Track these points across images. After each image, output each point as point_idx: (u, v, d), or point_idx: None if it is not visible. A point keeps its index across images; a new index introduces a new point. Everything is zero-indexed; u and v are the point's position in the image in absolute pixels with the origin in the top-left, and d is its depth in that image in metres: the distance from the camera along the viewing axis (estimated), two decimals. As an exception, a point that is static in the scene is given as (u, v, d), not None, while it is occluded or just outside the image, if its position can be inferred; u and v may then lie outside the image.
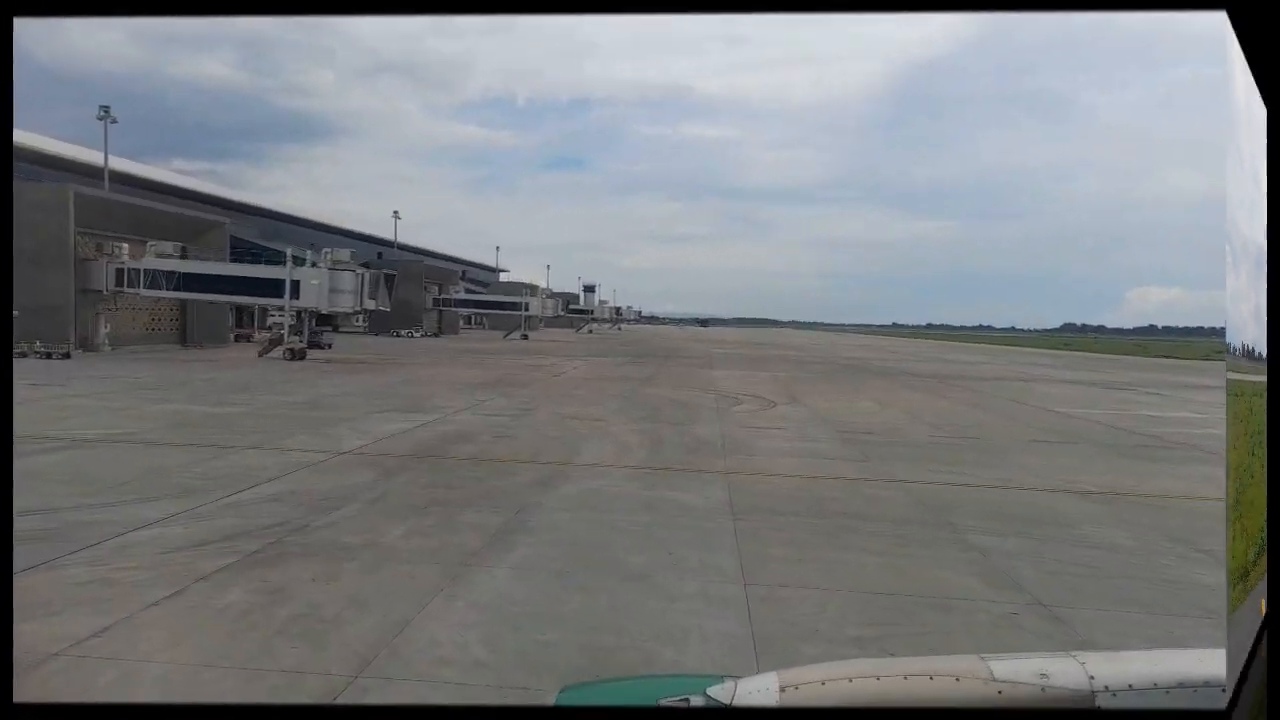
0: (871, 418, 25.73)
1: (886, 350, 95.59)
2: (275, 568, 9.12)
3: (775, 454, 17.98)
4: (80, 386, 27.52)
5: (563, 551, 10.10)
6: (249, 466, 14.76)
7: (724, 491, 13.92)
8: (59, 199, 45.16)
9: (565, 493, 13.43)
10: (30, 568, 8.81)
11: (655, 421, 22.82)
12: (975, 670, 2.20)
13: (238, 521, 11.02)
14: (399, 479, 14.08)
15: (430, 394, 28.63)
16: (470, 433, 19.73)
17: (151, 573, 8.84)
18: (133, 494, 12.37)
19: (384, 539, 10.42)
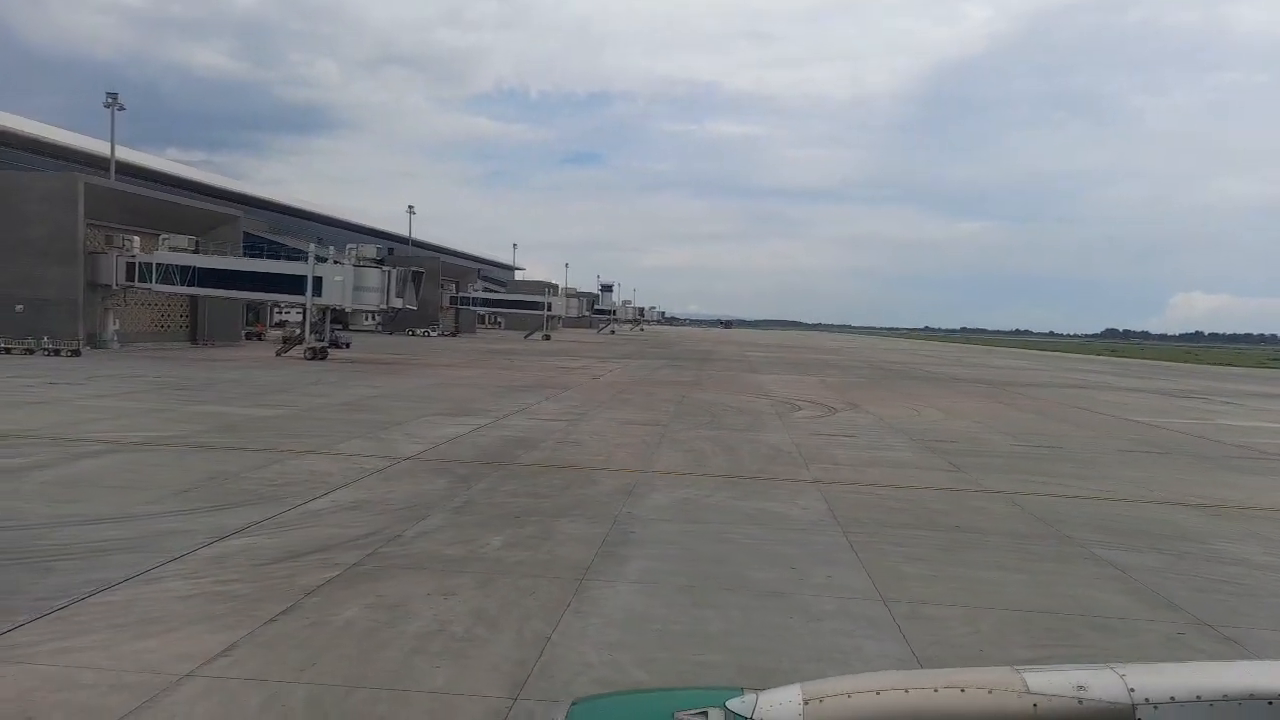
0: (942, 425, 25.47)
1: (926, 355, 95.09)
2: (383, 581, 9.02)
3: (858, 463, 17.79)
4: (103, 386, 27.61)
5: (680, 566, 9.96)
6: (313, 472, 14.71)
7: (820, 502, 13.76)
8: (68, 189, 45.38)
9: (656, 502, 13.30)
10: (127, 579, 8.76)
11: (719, 428, 22.66)
12: (1009, 683, 2.16)
13: (325, 531, 10.95)
14: (476, 486, 13.99)
15: (470, 397, 28.58)
16: (531, 438, 19.63)
17: (254, 585, 8.77)
18: (204, 501, 12.32)
19: (485, 551, 10.31)
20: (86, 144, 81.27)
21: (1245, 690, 2.10)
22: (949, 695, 2.17)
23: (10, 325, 43.11)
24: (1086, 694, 2.12)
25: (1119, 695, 2.11)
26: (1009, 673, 2.22)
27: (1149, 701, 2.09)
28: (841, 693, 2.25)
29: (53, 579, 8.70)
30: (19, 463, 14.53)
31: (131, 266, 46.18)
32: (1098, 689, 2.13)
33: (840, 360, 70.05)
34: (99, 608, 7.97)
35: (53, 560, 9.32)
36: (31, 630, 7.36)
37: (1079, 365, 79.90)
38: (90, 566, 9.16)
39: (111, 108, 58.37)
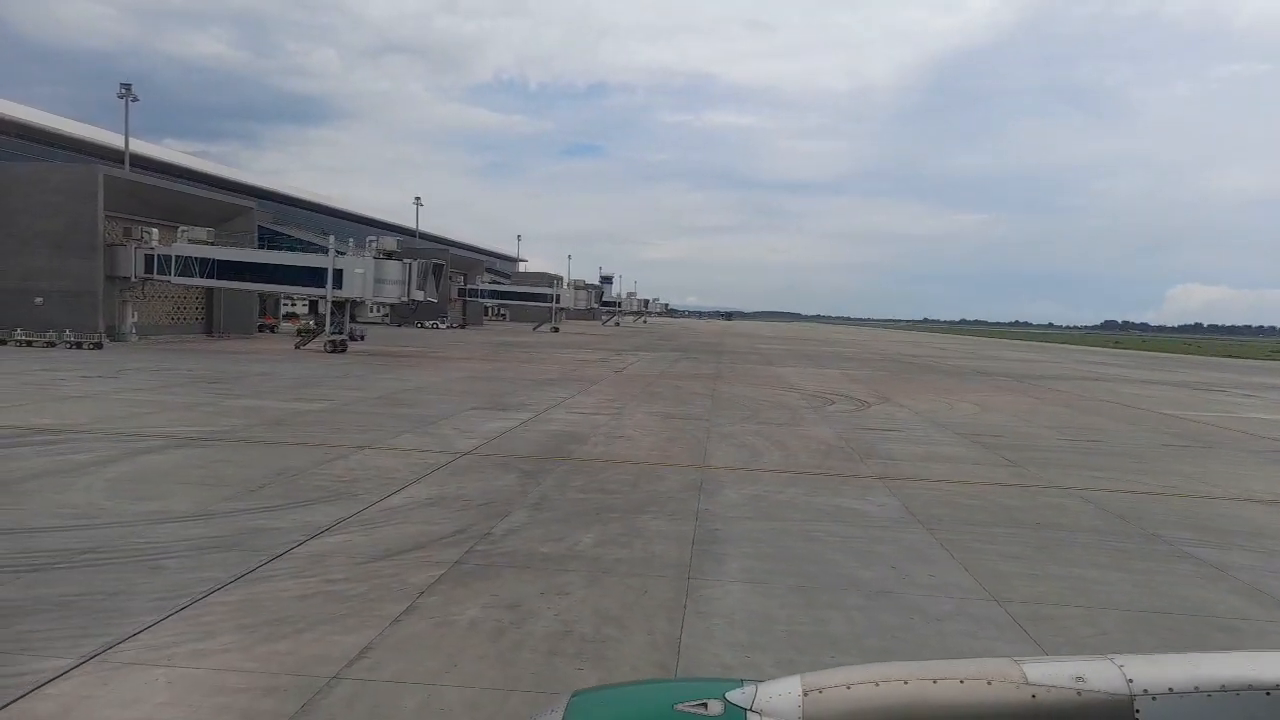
0: (979, 419, 25.40)
1: (934, 347, 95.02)
2: (491, 580, 8.95)
3: (913, 459, 17.72)
4: (136, 380, 27.49)
5: (779, 565, 9.89)
6: (378, 468, 14.62)
7: (891, 498, 13.69)
8: (87, 181, 45.12)
9: (729, 499, 13.22)
10: (237, 578, 8.68)
11: (761, 422, 22.58)
12: (1008, 674, 2.16)
13: (414, 529, 10.87)
14: (545, 482, 13.90)
15: (502, 391, 28.47)
16: (579, 433, 19.54)
17: (365, 585, 8.69)
18: (281, 497, 12.23)
19: (580, 548, 10.23)
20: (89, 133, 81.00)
21: (1243, 681, 2.09)
22: (948, 686, 2.17)
23: (30, 318, 42.96)
24: (1085, 685, 2.11)
25: (1118, 686, 2.10)
26: (1008, 664, 2.22)
27: (1147, 693, 2.09)
28: (841, 684, 2.24)
29: (163, 578, 8.62)
30: (83, 458, 14.43)
31: (150, 259, 45.93)
32: (1096, 680, 2.12)
33: (852, 353, 69.95)
34: (220, 608, 7.89)
35: (155, 558, 9.23)
36: (162, 631, 7.28)
37: (1088, 358, 79.87)
38: (195, 565, 9.09)
39: (125, 99, 58.03)
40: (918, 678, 2.23)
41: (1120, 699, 2.09)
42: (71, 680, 6.33)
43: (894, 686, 2.20)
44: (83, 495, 11.94)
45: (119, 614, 7.64)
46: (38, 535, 9.91)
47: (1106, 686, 2.12)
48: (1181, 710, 2.08)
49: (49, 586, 8.24)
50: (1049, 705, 2.11)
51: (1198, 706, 2.08)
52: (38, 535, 9.91)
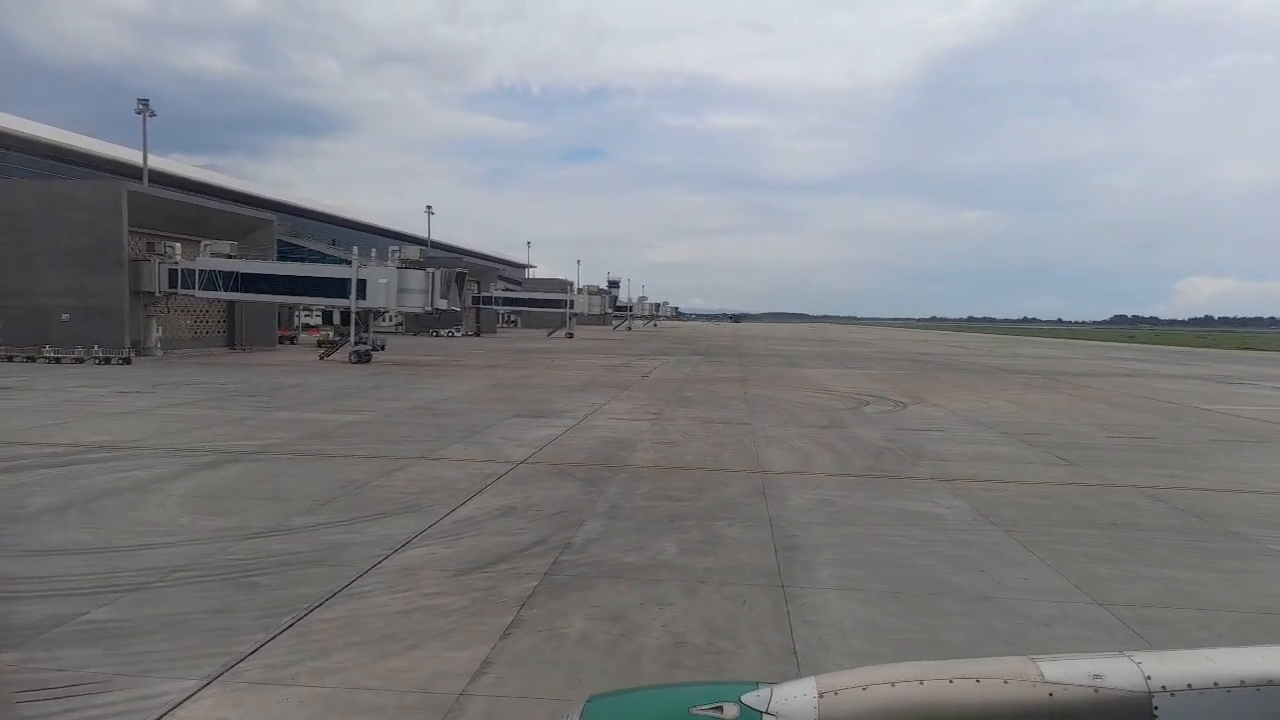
0: (1020, 418, 25.25)
1: (948, 345, 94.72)
2: (587, 591, 8.89)
3: (966, 459, 17.61)
4: (172, 394, 27.54)
5: (869, 571, 9.80)
6: (440, 479, 14.59)
7: (958, 500, 13.59)
8: (111, 197, 45.28)
9: (797, 504, 13.14)
10: (333, 594, 8.64)
11: (803, 425, 22.49)
12: (1025, 672, 2.15)
13: (493, 540, 10.82)
14: (610, 491, 13.84)
15: (537, 398, 28.43)
16: (625, 439, 19.49)
17: (463, 598, 8.64)
18: (352, 511, 12.20)
19: (665, 557, 10.17)
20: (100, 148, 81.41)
21: (1264, 677, 2.07)
22: (964, 685, 2.16)
23: (57, 334, 43.12)
24: (1103, 683, 2.09)
25: (1135, 683, 2.08)
26: (1024, 662, 2.20)
27: (1166, 689, 2.06)
28: (856, 684, 2.23)
29: (261, 595, 8.59)
30: (145, 475, 14.43)
31: (174, 273, 46.09)
32: (1114, 677, 2.10)
33: (871, 353, 69.75)
34: (326, 625, 7.85)
35: (247, 575, 9.20)
36: (276, 649, 7.24)
37: (1106, 353, 79.47)
38: (288, 581, 9.05)
39: (143, 114, 58.29)
40: (933, 677, 2.22)
41: (1138, 696, 2.06)
42: (202, 702, 6.29)
43: (910, 687, 2.19)
44: (157, 512, 11.93)
45: (228, 632, 7.60)
46: (125, 554, 9.89)
47: (1124, 684, 2.09)
48: (1200, 706, 2.05)
49: (152, 606, 8.22)
50: (1066, 703, 2.09)
51: (1217, 702, 2.05)
52: (125, 554, 9.89)
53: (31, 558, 9.69)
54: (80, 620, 7.78)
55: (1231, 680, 2.07)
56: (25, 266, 44.16)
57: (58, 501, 12.39)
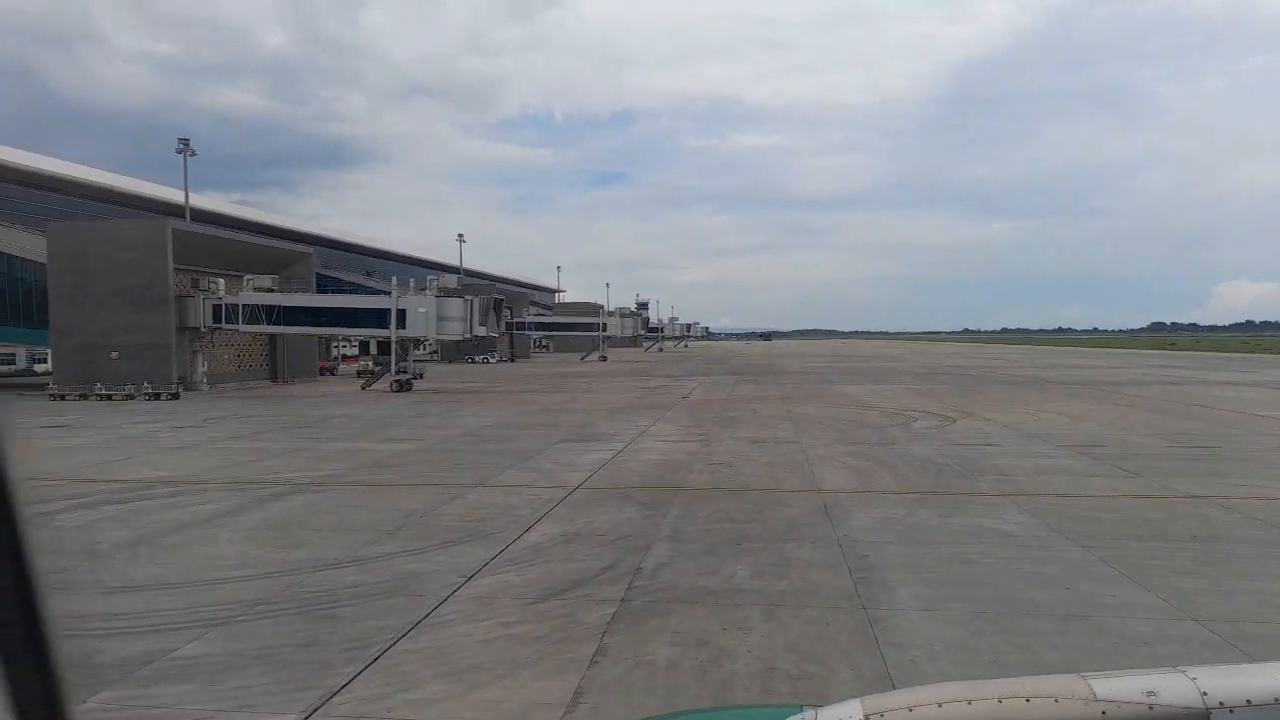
0: (1073, 429, 24.84)
1: (985, 357, 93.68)
2: (667, 617, 8.82)
3: (1027, 473, 17.32)
4: (226, 428, 27.90)
5: (950, 591, 9.64)
6: (499, 506, 14.60)
7: (1027, 516, 13.35)
8: (156, 236, 46.23)
9: (862, 523, 12.98)
10: (412, 626, 8.64)
11: (853, 443, 22.28)
12: (1076, 690, 2.06)
13: (564, 567, 10.79)
14: (671, 514, 13.77)
15: (582, 422, 28.46)
16: (676, 461, 19.42)
17: (543, 626, 8.60)
18: (420, 540, 12.23)
19: (739, 581, 10.07)
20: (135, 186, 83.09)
21: None
22: (1014, 705, 2.08)
23: (106, 372, 43.92)
24: (1157, 699, 2.00)
25: (1192, 700, 1.98)
26: (1075, 680, 2.10)
27: (1223, 705, 1.97)
28: (903, 706, 2.14)
29: (344, 627, 8.61)
30: (211, 509, 14.60)
31: (217, 308, 46.89)
32: (1168, 694, 2.01)
33: (907, 368, 69.14)
34: (413, 656, 7.84)
35: (328, 608, 9.24)
36: (369, 682, 7.24)
37: (1148, 361, 78.15)
38: (368, 613, 9.07)
39: (184, 153, 59.64)
40: (981, 697, 2.13)
41: (1195, 713, 1.97)
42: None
43: (958, 707, 2.10)
44: (229, 546, 12.04)
45: (318, 666, 7.62)
46: (204, 589, 9.97)
47: (1180, 700, 1.99)
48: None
49: (240, 641, 8.27)
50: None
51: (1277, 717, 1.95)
52: (204, 589, 9.97)
53: (113, 595, 9.80)
54: (172, 656, 7.84)
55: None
56: (74, 306, 45.14)
57: (130, 537, 12.56)
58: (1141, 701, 2.01)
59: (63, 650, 1.39)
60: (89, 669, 7.43)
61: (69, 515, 14.12)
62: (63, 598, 9.63)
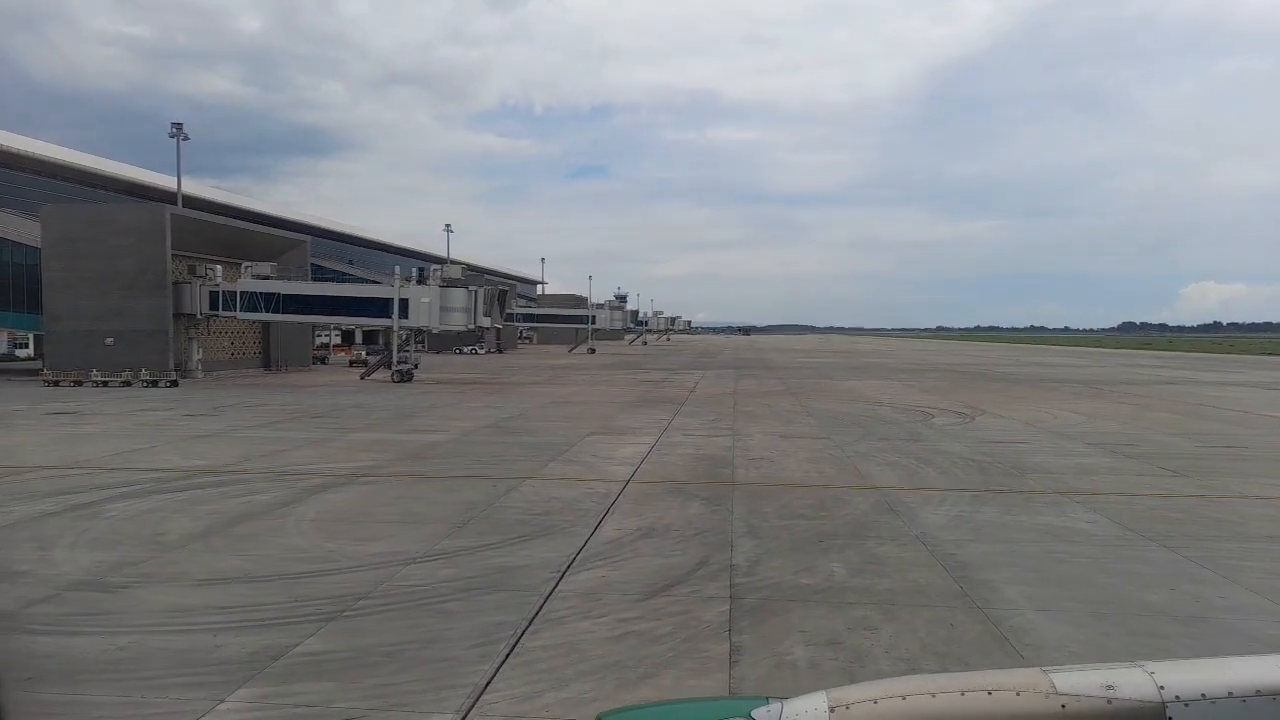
0: (1095, 428, 24.98)
1: (969, 355, 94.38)
2: (786, 615, 8.70)
3: (1072, 472, 17.37)
4: (239, 417, 27.43)
5: (1055, 591, 9.60)
6: (558, 499, 14.41)
7: (1093, 514, 13.37)
8: (154, 222, 45.38)
9: (933, 521, 12.92)
10: (529, 621, 8.46)
11: (882, 439, 22.27)
12: (1037, 684, 2.14)
13: (654, 562, 10.65)
14: (736, 510, 13.64)
15: (603, 415, 28.27)
16: (717, 456, 19.31)
17: (665, 624, 8.45)
18: (493, 534, 12.02)
19: (838, 579, 9.97)
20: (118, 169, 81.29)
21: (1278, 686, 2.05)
22: (976, 698, 2.14)
23: (101, 358, 43.06)
24: (1116, 693, 2.07)
25: (1149, 693, 2.06)
26: (1036, 674, 2.19)
27: (1180, 699, 2.04)
28: (868, 699, 2.21)
29: (459, 623, 8.42)
30: (266, 499, 14.29)
31: (214, 295, 46.11)
32: (1127, 688, 2.08)
33: (895, 363, 69.44)
34: (544, 653, 7.67)
35: (434, 602, 9.03)
36: (512, 680, 7.07)
37: (1132, 361, 79.02)
38: (477, 608, 8.88)
39: (177, 138, 58.37)
40: (945, 690, 2.19)
41: (1152, 706, 2.04)
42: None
43: (921, 700, 2.15)
44: (300, 538, 11.77)
45: (451, 663, 7.43)
46: (296, 581, 9.72)
47: (1137, 694, 2.07)
48: (1214, 716, 2.03)
49: (358, 637, 8.04)
50: (1079, 715, 2.06)
51: (1231, 712, 2.03)
52: (296, 581, 9.72)
53: (205, 587, 9.52)
54: (296, 653, 7.61)
55: (1246, 690, 2.04)
56: (69, 290, 44.20)
57: (196, 528, 12.25)
58: (1100, 695, 2.06)
59: None
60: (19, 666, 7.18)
61: (119, 505, 13.76)
62: (152, 590, 9.37)
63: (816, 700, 2.25)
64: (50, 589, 9.38)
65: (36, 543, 11.38)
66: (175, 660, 7.46)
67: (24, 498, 14.23)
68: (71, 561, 10.47)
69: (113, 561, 10.47)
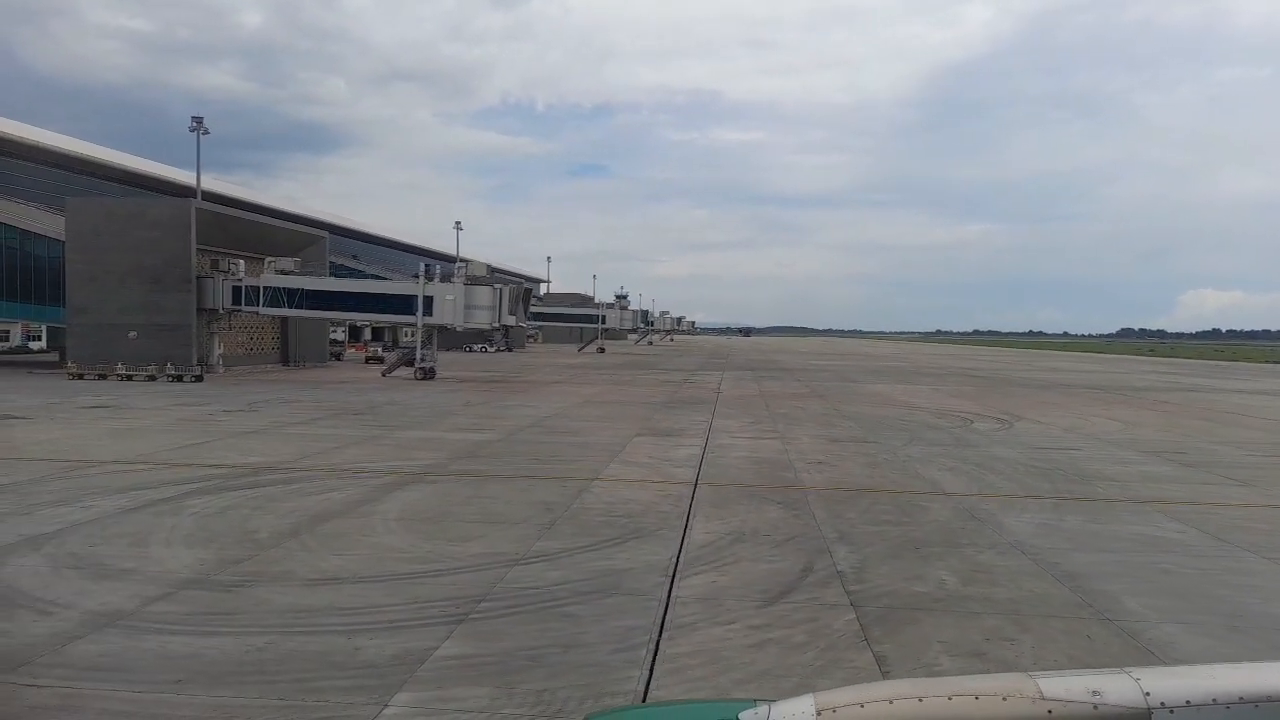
0: (1137, 435, 24.88)
1: (977, 359, 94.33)
2: (919, 625, 8.57)
3: (1137, 480, 17.26)
4: (276, 413, 27.27)
5: (1176, 603, 9.49)
6: (635, 501, 14.28)
7: (1180, 524, 13.26)
8: (180, 215, 45.22)
9: (1021, 528, 12.80)
10: (658, 627, 8.32)
11: (931, 444, 22.15)
12: (1023, 689, 2.15)
13: (759, 567, 10.53)
14: (818, 514, 13.51)
15: (641, 415, 28.16)
16: (772, 459, 19.19)
17: (797, 631, 8.32)
18: (583, 535, 11.89)
19: (952, 587, 9.85)
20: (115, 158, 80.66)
21: (1262, 692, 2.06)
22: (963, 703, 2.14)
23: (124, 352, 42.83)
24: (1101, 699, 2.08)
25: (1134, 700, 2.07)
26: (1023, 679, 2.18)
27: (1164, 705, 2.05)
28: (855, 702, 2.20)
29: (589, 627, 8.28)
30: (341, 497, 14.16)
31: (237, 290, 45.90)
32: (1113, 694, 2.09)
33: (910, 367, 69.37)
34: (689, 660, 7.55)
35: (556, 606, 8.88)
36: (669, 688, 6.93)
37: (1142, 367, 78.98)
38: (600, 612, 8.74)
39: (197, 132, 58.15)
40: (932, 695, 2.19)
41: (1138, 712, 2.05)
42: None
43: (908, 704, 2.15)
44: (391, 537, 11.63)
45: (599, 669, 7.30)
46: (410, 582, 9.59)
47: (1123, 700, 2.07)
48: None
49: (494, 640, 7.91)
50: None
51: (1215, 718, 2.03)
52: (410, 582, 9.59)
53: (318, 587, 9.38)
54: (438, 656, 7.47)
55: (1230, 696, 2.04)
56: (93, 284, 44.01)
57: (283, 526, 12.10)
58: (1087, 700, 2.07)
59: None
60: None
61: (196, 501, 13.61)
62: (266, 590, 9.23)
63: (804, 704, 2.25)
64: (163, 587, 9.23)
65: (129, 539, 11.23)
66: (318, 662, 7.32)
67: (98, 493, 14.08)
68: (174, 559, 10.32)
69: (215, 560, 10.32)
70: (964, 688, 2.21)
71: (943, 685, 2.24)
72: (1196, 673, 2.22)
